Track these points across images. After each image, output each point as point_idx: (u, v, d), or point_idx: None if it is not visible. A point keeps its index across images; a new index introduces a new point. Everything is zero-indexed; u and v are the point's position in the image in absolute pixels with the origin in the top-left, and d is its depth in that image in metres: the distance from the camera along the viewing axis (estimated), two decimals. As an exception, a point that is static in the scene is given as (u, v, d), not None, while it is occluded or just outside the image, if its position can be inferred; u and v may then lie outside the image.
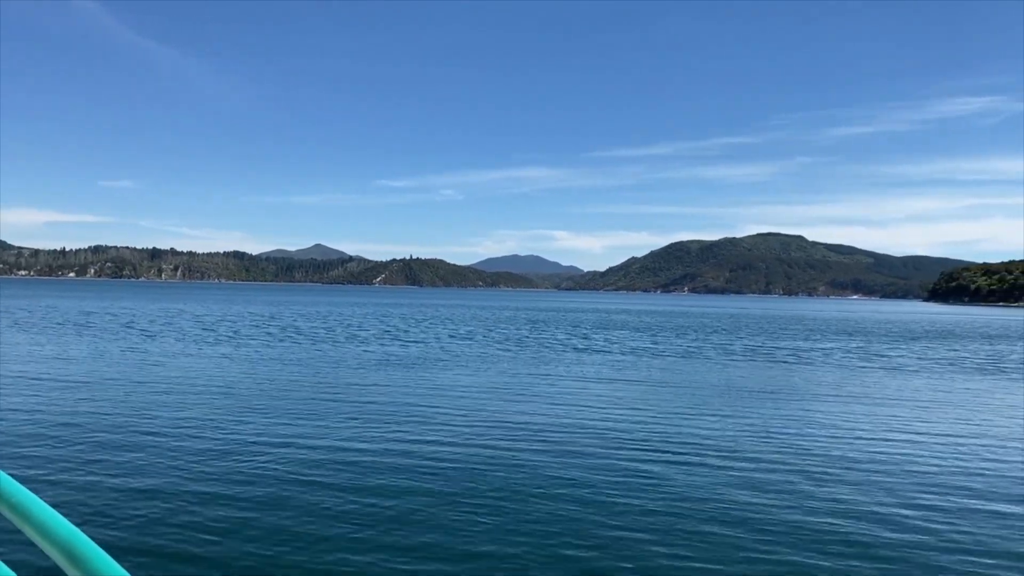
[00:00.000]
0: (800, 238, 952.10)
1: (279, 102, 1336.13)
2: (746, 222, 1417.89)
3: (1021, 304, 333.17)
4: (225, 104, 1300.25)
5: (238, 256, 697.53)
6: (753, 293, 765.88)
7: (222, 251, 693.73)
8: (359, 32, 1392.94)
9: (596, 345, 46.97)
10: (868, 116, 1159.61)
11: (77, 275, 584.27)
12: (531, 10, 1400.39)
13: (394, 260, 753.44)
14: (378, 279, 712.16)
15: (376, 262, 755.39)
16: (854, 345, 52.53)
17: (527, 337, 52.86)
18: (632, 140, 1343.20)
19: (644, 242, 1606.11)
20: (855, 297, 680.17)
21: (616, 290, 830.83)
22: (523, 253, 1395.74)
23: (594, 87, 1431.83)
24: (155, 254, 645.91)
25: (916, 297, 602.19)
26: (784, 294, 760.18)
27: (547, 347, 44.55)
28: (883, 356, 43.79)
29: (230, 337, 45.34)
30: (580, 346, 45.92)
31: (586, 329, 66.05)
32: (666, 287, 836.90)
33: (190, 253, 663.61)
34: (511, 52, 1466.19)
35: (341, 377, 28.08)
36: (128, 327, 52.03)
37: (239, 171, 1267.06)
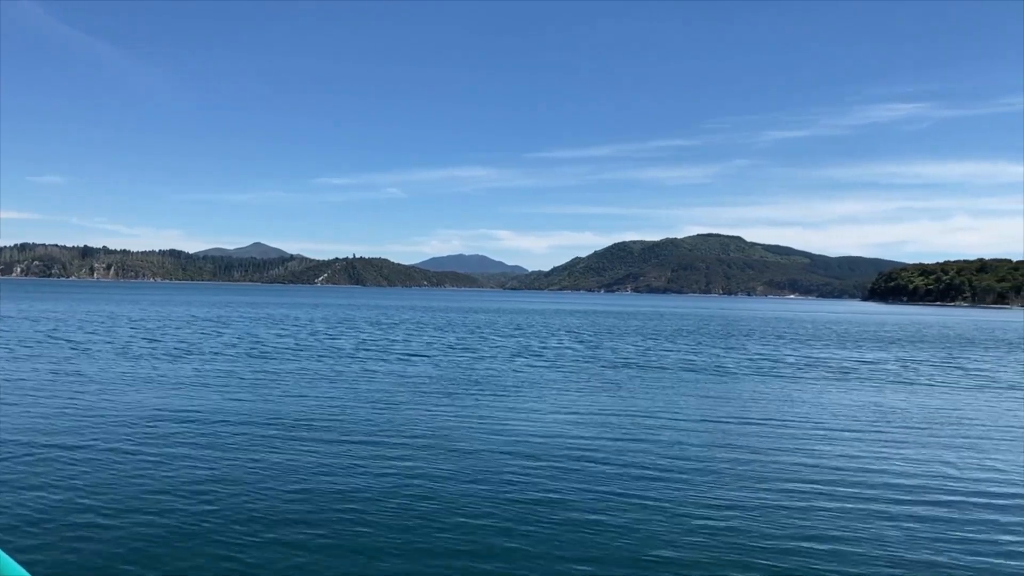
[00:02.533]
0: (739, 239, 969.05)
1: (215, 97, 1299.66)
2: (686, 223, 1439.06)
3: (957, 303, 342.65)
4: (160, 99, 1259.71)
5: (174, 255, 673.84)
6: (694, 293, 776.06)
7: (157, 250, 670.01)
8: (298, 27, 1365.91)
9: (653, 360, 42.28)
10: (802, 121, 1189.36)
11: (2, 274, 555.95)
12: (473, 10, 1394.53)
13: (336, 259, 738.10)
14: (320, 278, 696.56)
15: (318, 261, 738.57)
16: (902, 355, 49.01)
17: (600, 350, 47.91)
18: (573, 141, 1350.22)
19: (588, 242, 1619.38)
20: (792, 297, 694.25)
21: (560, 289, 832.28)
22: (468, 253, 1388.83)
23: (535, 88, 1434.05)
24: (86, 252, 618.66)
25: (852, 296, 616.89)
26: (724, 294, 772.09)
27: (656, 367, 39.62)
28: (973, 370, 40.16)
29: (181, 350, 39.20)
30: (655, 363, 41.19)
31: (633, 339, 61.38)
32: (610, 287, 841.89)
33: (123, 251, 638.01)
34: (453, 51, 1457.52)
35: (377, 415, 22.54)
36: (52, 337, 45.30)
37: (175, 168, 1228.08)
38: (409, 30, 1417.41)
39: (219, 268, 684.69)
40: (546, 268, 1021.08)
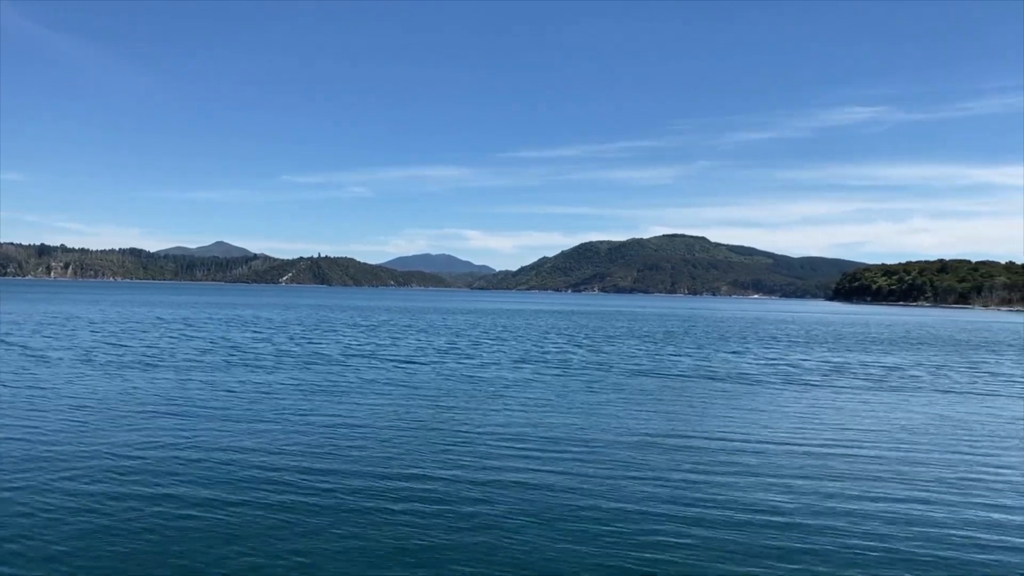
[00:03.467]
0: (703, 239, 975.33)
1: (177, 95, 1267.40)
2: (652, 224, 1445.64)
3: (919, 303, 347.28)
4: (121, 95, 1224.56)
5: (135, 254, 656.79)
6: (659, 292, 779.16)
7: (117, 248, 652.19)
8: (262, 26, 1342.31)
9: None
10: (765, 123, 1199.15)
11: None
12: (440, 10, 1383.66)
13: (301, 258, 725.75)
14: (285, 278, 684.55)
15: (282, 260, 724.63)
16: (909, 360, 46.81)
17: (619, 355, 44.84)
18: (539, 141, 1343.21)
19: (555, 242, 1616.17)
20: (756, 296, 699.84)
21: (528, 289, 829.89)
22: (435, 252, 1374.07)
23: (503, 88, 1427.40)
24: (43, 251, 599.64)
25: (814, 296, 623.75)
26: (689, 293, 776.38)
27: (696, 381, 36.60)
28: (1005, 375, 37.93)
29: (151, 357, 35.49)
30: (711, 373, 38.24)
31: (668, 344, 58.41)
32: (577, 286, 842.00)
33: (82, 250, 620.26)
34: (421, 50, 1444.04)
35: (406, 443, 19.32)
36: (4, 342, 41.24)
37: (136, 165, 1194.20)
38: (375, 29, 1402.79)
39: (181, 267, 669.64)
40: (513, 268, 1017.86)
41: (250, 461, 15.88)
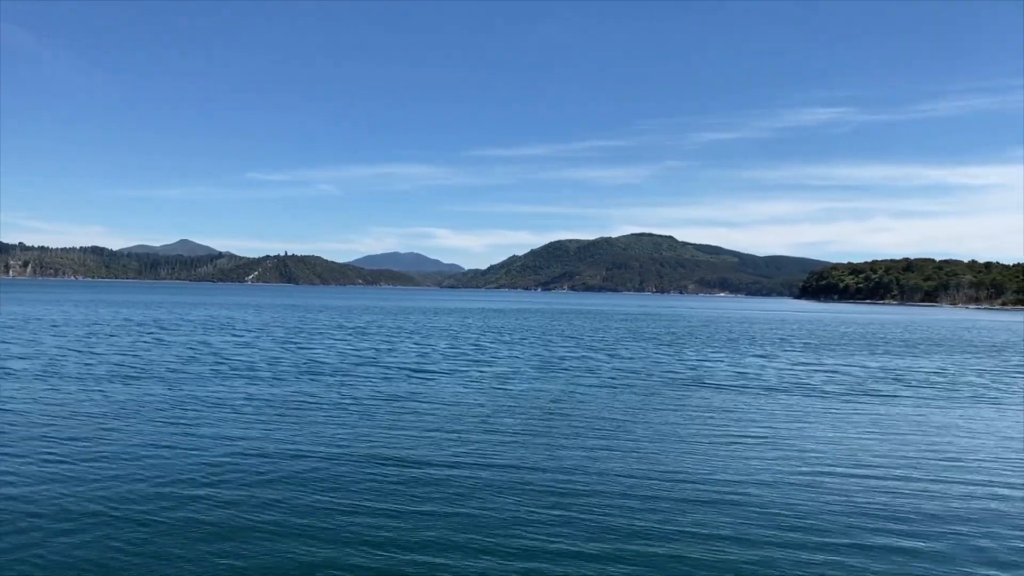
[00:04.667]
0: (671, 238, 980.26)
1: (141, 90, 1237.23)
2: (620, 223, 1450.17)
3: (886, 301, 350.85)
4: (81, 90, 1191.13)
5: (97, 252, 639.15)
6: (628, 291, 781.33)
7: (79, 247, 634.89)
8: (227, 22, 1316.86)
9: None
10: (731, 123, 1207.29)
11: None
12: (408, 8, 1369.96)
13: (268, 257, 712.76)
14: (251, 276, 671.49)
15: (248, 259, 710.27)
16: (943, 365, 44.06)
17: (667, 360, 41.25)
18: (508, 140, 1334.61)
19: (524, 241, 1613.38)
20: (722, 295, 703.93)
21: (498, 288, 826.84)
22: (403, 251, 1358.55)
23: (471, 86, 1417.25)
24: (1, 249, 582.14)
25: (780, 294, 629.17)
26: (657, 292, 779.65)
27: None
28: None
29: (128, 367, 31.29)
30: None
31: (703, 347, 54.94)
32: (546, 285, 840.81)
33: (42, 248, 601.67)
34: (388, 49, 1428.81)
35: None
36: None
37: (98, 162, 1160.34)
38: (343, 27, 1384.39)
39: (145, 266, 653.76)
40: (483, 266, 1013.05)
41: (307, 530, 12.11)
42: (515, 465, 15.96)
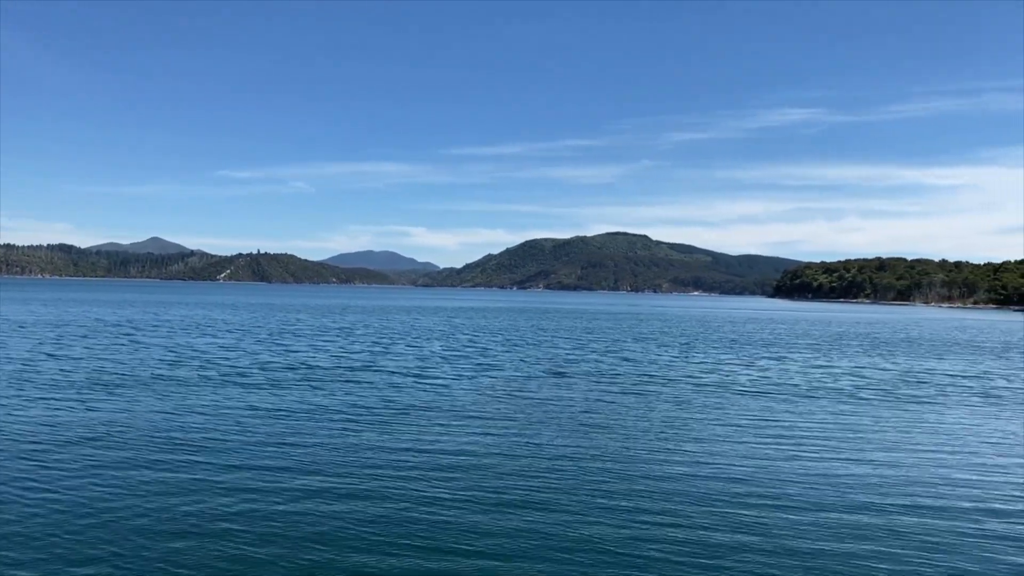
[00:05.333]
0: (645, 237, 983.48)
1: (110, 85, 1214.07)
2: (595, 222, 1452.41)
3: (860, 300, 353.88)
4: (47, 85, 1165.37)
5: (64, 250, 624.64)
6: (603, 290, 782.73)
7: (46, 244, 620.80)
8: (197, 19, 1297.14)
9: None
10: (703, 123, 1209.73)
11: None
12: (384, 5, 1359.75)
13: (240, 255, 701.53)
14: (223, 275, 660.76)
15: (220, 257, 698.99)
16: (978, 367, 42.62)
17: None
18: (483, 139, 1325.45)
19: (499, 239, 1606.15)
20: (696, 294, 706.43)
21: (474, 286, 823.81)
22: (377, 249, 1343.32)
23: (445, 84, 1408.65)
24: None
25: (753, 293, 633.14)
26: (631, 290, 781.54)
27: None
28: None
29: (109, 373, 28.73)
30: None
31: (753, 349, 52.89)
32: (522, 283, 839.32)
33: (7, 245, 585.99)
34: (361, 45, 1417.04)
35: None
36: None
37: (65, 158, 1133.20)
38: (315, 25, 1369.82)
39: (114, 264, 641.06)
40: (458, 265, 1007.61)
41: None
42: (579, 487, 13.89)
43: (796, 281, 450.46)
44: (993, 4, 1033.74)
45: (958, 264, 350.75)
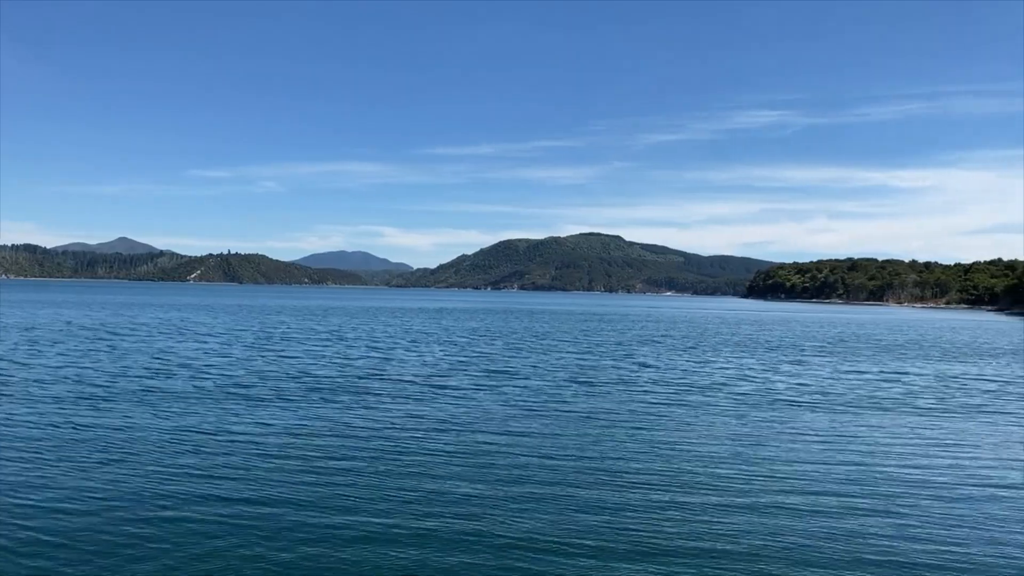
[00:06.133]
0: (618, 238, 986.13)
1: (76, 84, 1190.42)
2: (569, 222, 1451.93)
3: (832, 300, 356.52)
4: (12, 83, 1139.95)
5: (29, 249, 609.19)
6: (577, 290, 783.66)
7: (10, 244, 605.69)
8: (167, 17, 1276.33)
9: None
10: (675, 125, 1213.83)
11: None
12: (356, 5, 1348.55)
13: (211, 255, 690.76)
14: (193, 275, 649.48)
15: (191, 257, 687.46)
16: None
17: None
18: (457, 139, 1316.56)
19: (473, 240, 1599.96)
20: (669, 294, 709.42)
21: (447, 287, 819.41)
22: (350, 249, 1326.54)
23: (418, 84, 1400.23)
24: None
25: (724, 293, 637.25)
26: (605, 291, 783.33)
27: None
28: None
29: (86, 381, 25.80)
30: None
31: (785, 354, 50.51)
32: (496, 284, 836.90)
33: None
34: (334, 44, 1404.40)
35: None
36: None
37: (30, 156, 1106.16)
38: (286, 24, 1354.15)
39: (81, 264, 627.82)
40: (432, 265, 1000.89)
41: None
42: (691, 524, 11.50)
43: (769, 282, 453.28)
44: (958, 10, 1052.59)
45: (928, 265, 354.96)
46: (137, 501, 12.69)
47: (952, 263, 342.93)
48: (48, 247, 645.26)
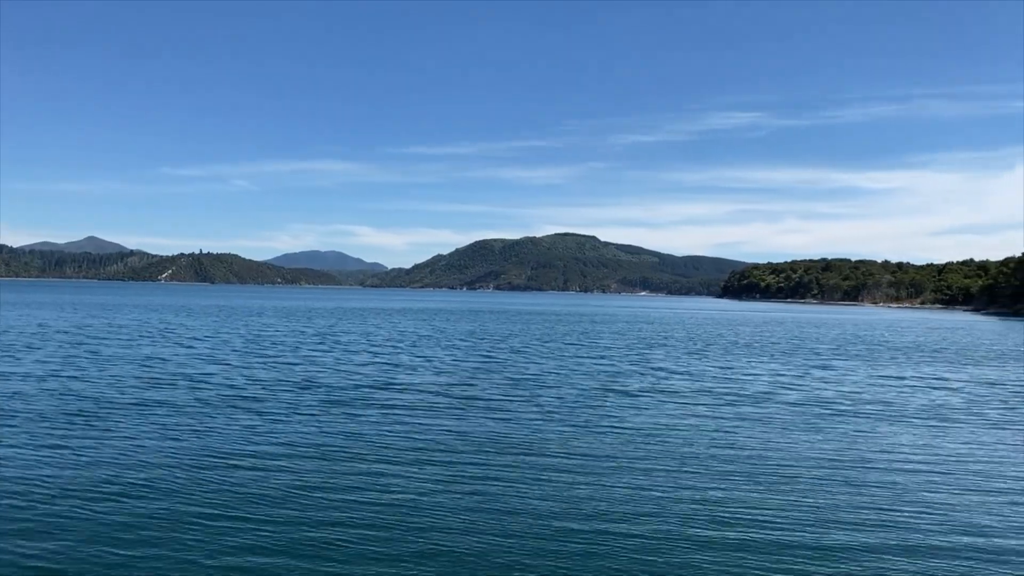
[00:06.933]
0: (593, 238, 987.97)
1: (42, 80, 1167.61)
2: (544, 222, 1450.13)
3: (807, 300, 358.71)
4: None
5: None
6: (553, 290, 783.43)
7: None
8: (136, 15, 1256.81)
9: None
10: (650, 126, 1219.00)
11: None
12: (329, 4, 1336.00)
13: (182, 255, 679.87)
14: (164, 275, 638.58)
15: (161, 257, 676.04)
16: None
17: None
18: (432, 138, 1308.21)
19: (448, 240, 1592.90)
20: (644, 294, 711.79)
21: (423, 287, 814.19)
22: (323, 249, 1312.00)
23: (394, 83, 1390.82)
24: None
25: (699, 293, 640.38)
26: (580, 291, 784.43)
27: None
28: None
29: (72, 392, 23.04)
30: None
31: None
32: (472, 284, 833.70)
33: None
34: (308, 41, 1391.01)
35: None
36: None
37: None
38: (258, 22, 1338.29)
39: (48, 263, 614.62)
40: (407, 265, 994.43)
41: None
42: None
43: (744, 282, 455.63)
44: (928, 14, 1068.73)
45: (900, 265, 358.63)
46: (163, 546, 10.16)
47: (922, 263, 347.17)
48: (15, 246, 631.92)
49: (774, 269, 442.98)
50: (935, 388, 31.74)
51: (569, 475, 15.18)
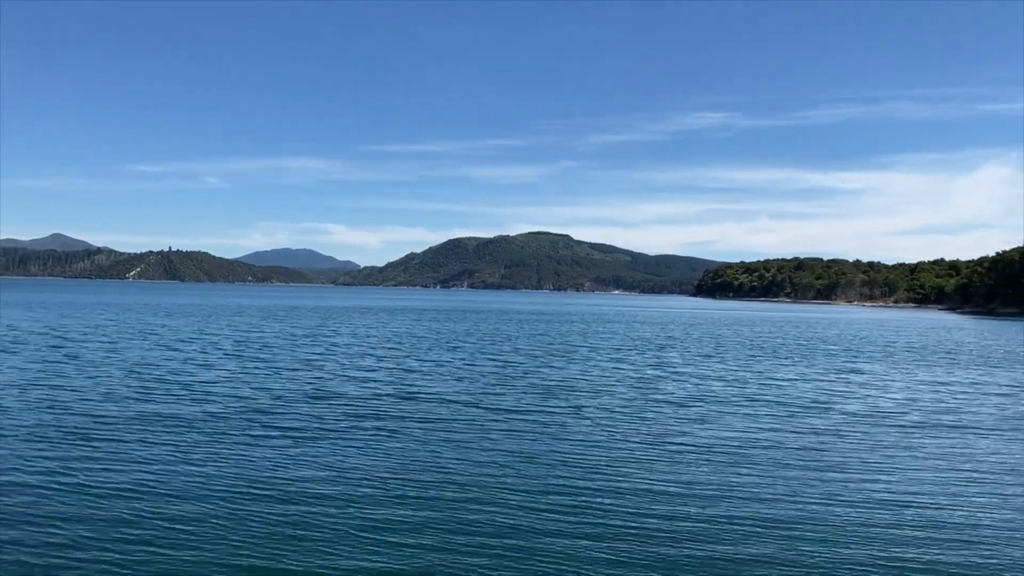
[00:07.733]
0: (567, 237, 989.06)
1: (6, 75, 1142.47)
2: (518, 221, 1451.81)
3: (780, 299, 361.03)
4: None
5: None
6: (526, 288, 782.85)
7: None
8: (107, 11, 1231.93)
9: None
10: (623, 125, 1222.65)
11: None
12: (302, 5, 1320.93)
13: (151, 252, 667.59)
14: (132, 273, 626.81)
15: (129, 254, 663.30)
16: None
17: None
18: (404, 136, 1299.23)
19: (422, 238, 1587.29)
20: (617, 292, 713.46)
21: (396, 285, 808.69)
22: (295, 247, 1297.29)
23: (366, 80, 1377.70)
24: None
25: (671, 292, 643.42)
26: (554, 289, 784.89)
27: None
28: None
29: (58, 407, 20.43)
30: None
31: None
32: (445, 283, 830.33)
33: None
34: (278, 38, 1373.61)
35: None
36: None
37: None
38: (226, 18, 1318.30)
39: (12, 261, 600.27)
40: (380, 264, 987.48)
41: None
42: None
43: (717, 280, 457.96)
44: (897, 17, 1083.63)
45: (871, 264, 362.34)
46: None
47: (891, 263, 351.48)
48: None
49: (747, 268, 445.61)
50: (984, 394, 30.08)
51: (682, 505, 12.99)
